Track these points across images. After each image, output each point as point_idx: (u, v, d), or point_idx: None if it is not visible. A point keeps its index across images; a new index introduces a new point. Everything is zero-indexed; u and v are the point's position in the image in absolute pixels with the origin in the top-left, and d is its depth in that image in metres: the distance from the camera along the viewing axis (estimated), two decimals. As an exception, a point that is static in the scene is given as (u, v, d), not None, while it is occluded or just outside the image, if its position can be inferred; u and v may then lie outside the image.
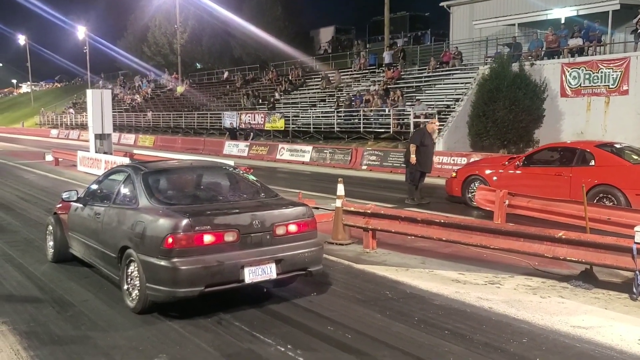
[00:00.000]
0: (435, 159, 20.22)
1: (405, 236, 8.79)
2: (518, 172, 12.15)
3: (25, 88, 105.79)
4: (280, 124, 33.43)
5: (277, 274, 6.16)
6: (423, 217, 8.31)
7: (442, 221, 8.00)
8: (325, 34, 57.96)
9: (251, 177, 7.64)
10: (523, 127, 21.32)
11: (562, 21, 25.21)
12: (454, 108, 25.12)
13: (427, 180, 17.61)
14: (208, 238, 5.76)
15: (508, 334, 5.48)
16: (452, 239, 7.83)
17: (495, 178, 12.41)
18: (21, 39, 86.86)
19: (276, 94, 38.21)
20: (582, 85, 21.64)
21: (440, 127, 24.00)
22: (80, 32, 68.36)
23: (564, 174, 11.39)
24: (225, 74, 50.55)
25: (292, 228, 6.36)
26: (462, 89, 26.24)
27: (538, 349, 5.13)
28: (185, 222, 5.68)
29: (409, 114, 25.83)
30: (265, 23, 48.56)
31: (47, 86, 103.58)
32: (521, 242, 7.10)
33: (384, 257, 8.51)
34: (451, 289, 6.90)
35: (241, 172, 7.87)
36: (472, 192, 12.49)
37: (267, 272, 6.07)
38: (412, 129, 25.22)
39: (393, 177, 19.47)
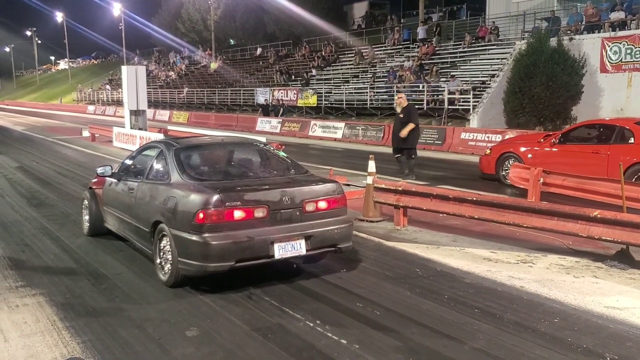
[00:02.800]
0: (469, 135, 20.12)
1: (436, 214, 8.73)
2: (554, 149, 11.90)
3: (63, 65, 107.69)
4: (312, 100, 33.36)
5: (307, 250, 6.18)
6: (455, 195, 8.22)
7: (475, 199, 7.90)
8: (359, 9, 57.18)
9: (281, 154, 7.64)
10: (560, 103, 20.90)
11: (604, -7, 24.47)
12: (490, 84, 24.71)
13: (461, 157, 17.61)
14: (238, 214, 5.80)
15: (539, 314, 5.40)
16: (485, 217, 7.73)
17: (530, 155, 12.18)
18: (59, 16, 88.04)
19: (314, 71, 37.96)
20: (623, 60, 21.02)
21: (475, 104, 23.75)
22: (116, 8, 68.87)
23: (601, 151, 11.11)
24: (259, 50, 50.51)
25: (322, 205, 6.36)
26: (498, 64, 25.75)
27: (570, 329, 5.05)
28: (215, 197, 5.73)
29: (443, 90, 25.53)
30: (298, -2, 48.22)
31: (84, 63, 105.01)
32: (555, 220, 6.99)
33: (415, 234, 8.46)
34: (482, 268, 6.83)
35: (272, 148, 7.88)
36: (506, 169, 12.30)
37: (296, 248, 6.10)
38: (446, 106, 25.00)
39: (426, 154, 19.24)
